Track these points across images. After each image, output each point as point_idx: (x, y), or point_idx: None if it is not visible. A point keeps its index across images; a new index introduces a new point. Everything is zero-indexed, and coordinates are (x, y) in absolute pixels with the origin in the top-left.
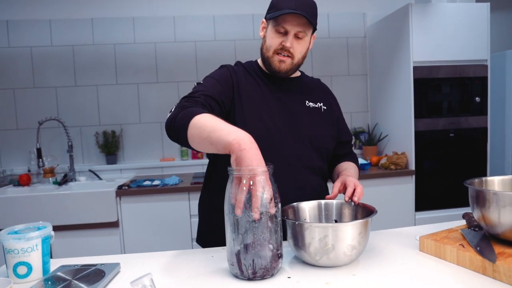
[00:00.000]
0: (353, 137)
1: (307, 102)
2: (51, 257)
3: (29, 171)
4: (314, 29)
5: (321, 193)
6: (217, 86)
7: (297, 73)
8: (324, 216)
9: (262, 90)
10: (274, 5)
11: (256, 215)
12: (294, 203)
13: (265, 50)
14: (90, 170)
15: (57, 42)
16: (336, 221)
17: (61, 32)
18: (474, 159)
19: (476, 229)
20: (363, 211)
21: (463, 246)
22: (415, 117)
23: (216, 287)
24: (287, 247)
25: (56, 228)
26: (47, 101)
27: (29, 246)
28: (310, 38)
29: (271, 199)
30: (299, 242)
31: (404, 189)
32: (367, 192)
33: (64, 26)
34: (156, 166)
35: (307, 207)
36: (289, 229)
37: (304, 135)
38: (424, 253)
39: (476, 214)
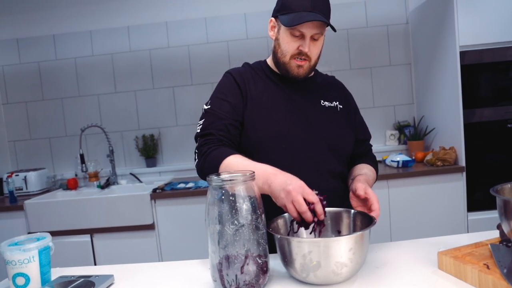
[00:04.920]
0: (398, 131)
1: (322, 101)
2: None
3: (76, 175)
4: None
5: (345, 199)
6: (226, 107)
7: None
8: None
9: (273, 92)
10: (286, 6)
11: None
12: (286, 213)
13: (281, 55)
14: (131, 174)
15: (97, 52)
16: (339, 232)
17: (101, 42)
18: None
19: (510, 244)
20: (363, 221)
21: (488, 267)
22: (464, 107)
23: None
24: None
25: (98, 231)
26: (91, 108)
27: (25, 258)
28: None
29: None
30: (285, 257)
31: (454, 187)
32: (410, 192)
33: (103, 35)
34: (194, 168)
35: None
36: (276, 242)
37: (319, 137)
38: (444, 271)
39: (506, 228)
